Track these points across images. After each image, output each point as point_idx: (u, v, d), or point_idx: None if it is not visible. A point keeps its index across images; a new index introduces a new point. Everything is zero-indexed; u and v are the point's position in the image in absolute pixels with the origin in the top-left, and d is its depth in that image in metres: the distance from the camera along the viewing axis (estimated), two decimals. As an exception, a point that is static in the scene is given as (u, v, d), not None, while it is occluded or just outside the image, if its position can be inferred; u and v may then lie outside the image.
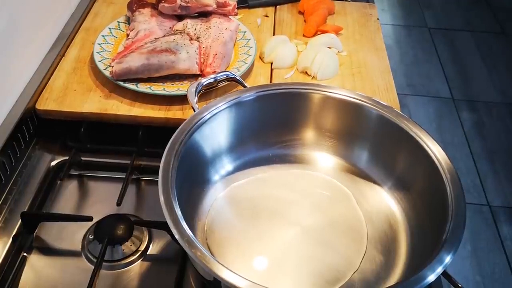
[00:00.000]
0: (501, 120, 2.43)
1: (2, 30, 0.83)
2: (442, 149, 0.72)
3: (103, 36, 1.02)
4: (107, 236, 0.73)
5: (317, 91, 0.81)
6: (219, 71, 0.93)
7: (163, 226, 0.65)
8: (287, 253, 0.70)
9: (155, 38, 0.98)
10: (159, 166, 0.65)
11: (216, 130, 0.77)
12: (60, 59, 1.00)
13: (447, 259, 0.58)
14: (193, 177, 0.73)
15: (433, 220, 0.68)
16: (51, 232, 0.77)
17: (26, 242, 0.76)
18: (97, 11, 1.15)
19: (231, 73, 0.85)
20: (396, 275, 0.68)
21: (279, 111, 0.82)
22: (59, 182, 0.85)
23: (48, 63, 0.97)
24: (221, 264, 0.56)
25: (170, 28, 1.04)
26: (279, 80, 1.01)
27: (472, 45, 2.90)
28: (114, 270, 0.73)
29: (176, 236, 0.58)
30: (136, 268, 0.73)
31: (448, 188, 0.67)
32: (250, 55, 1.00)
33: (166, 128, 0.80)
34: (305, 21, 1.17)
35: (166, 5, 1.03)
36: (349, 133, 0.82)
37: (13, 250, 0.74)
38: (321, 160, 0.83)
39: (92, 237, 0.75)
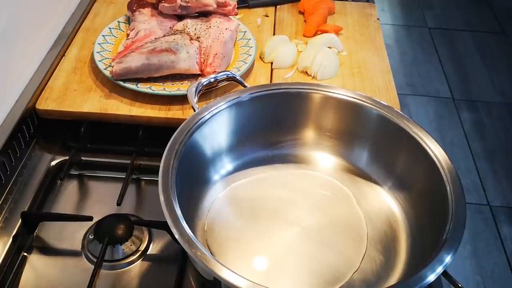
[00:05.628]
0: (501, 120, 2.43)
1: (2, 30, 0.83)
2: (442, 149, 0.72)
3: (103, 36, 1.02)
4: (107, 236, 0.73)
5: (317, 91, 0.81)
6: (219, 71, 0.93)
7: (163, 226, 0.65)
8: (287, 253, 0.70)
9: (155, 38, 0.98)
10: (159, 166, 0.65)
11: (216, 130, 0.77)
12: (60, 59, 1.00)
13: (447, 259, 0.58)
14: (193, 177, 0.73)
15: (433, 220, 0.68)
16: (51, 232, 0.77)
17: (26, 242, 0.76)
18: (97, 11, 1.15)
19: (231, 73, 0.85)
20: (396, 275, 0.68)
21: (279, 111, 0.82)
22: (59, 182, 0.85)
23: (48, 63, 0.97)
24: (221, 264, 0.56)
25: (170, 28, 1.04)
26: (279, 80, 1.00)
27: (472, 45, 2.90)
28: (114, 270, 0.73)
29: (176, 236, 0.58)
30: (136, 268, 0.73)
31: (448, 188, 0.67)
32: (250, 55, 1.00)
33: (166, 128, 0.80)
34: (305, 21, 1.17)
35: (166, 5, 1.03)
36: (349, 133, 0.82)
37: (13, 250, 0.74)
38: (321, 160, 0.83)
39: (92, 237, 0.75)
